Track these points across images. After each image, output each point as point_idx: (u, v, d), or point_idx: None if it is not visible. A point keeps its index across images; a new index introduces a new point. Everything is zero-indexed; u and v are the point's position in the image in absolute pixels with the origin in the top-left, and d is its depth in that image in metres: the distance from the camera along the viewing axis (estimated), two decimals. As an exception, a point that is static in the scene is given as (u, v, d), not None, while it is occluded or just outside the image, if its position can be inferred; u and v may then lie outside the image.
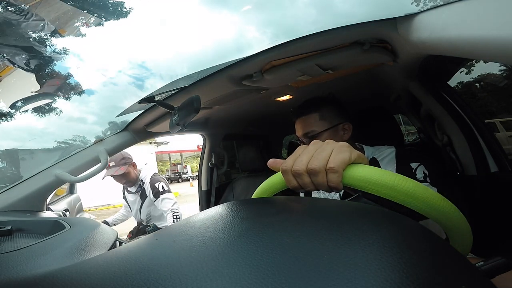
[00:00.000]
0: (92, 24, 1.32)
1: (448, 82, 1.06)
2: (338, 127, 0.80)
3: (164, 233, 0.29)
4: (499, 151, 0.94)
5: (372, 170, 0.34)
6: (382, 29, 0.63)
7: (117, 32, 2.00)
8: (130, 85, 2.82)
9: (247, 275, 0.17)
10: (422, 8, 0.50)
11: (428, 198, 0.32)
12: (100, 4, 1.21)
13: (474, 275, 0.19)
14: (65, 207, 1.91)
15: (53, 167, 0.92)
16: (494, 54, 0.35)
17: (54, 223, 0.58)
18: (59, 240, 0.46)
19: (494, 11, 0.34)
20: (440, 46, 0.45)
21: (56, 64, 3.32)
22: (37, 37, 1.31)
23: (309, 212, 0.29)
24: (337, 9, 0.69)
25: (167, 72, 2.94)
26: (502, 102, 2.00)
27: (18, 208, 0.83)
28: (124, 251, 0.26)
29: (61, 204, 2.01)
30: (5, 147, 2.11)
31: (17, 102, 1.22)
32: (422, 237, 0.22)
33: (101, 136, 1.08)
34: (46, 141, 2.13)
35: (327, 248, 0.19)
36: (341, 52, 0.73)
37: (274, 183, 0.42)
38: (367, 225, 0.22)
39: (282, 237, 0.22)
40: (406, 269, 0.16)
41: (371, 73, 1.10)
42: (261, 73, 0.85)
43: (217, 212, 0.32)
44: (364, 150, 0.82)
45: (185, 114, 0.75)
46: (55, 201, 2.01)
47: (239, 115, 1.63)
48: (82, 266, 0.26)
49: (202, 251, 0.22)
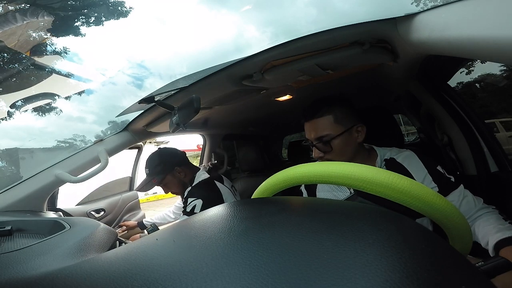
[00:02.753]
0: (92, 23, 1.32)
1: (448, 82, 1.06)
2: (353, 129, 0.77)
3: (164, 233, 0.29)
4: (499, 151, 0.94)
5: (367, 169, 0.34)
6: (382, 29, 0.63)
7: (117, 32, 1.99)
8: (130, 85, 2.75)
9: (247, 275, 0.17)
10: (422, 8, 0.50)
11: (424, 196, 0.32)
12: (100, 4, 1.21)
13: (474, 275, 0.19)
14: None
15: (53, 167, 0.92)
16: (494, 54, 0.35)
17: (54, 223, 0.58)
18: (59, 240, 0.46)
19: (494, 11, 0.34)
20: (440, 46, 0.45)
21: (56, 63, 3.31)
22: (37, 37, 1.31)
23: (309, 212, 0.29)
24: (337, 9, 0.69)
25: (167, 71, 2.89)
26: (502, 102, 2.00)
27: (18, 208, 0.83)
28: (124, 251, 0.26)
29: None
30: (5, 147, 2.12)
31: (17, 102, 1.21)
32: (421, 237, 0.22)
33: (101, 136, 1.08)
34: (46, 140, 2.11)
35: (327, 248, 0.19)
36: (341, 52, 0.73)
37: (274, 183, 0.42)
38: (367, 225, 0.22)
39: (282, 237, 0.22)
40: (406, 269, 0.16)
41: (371, 73, 1.10)
42: (261, 73, 0.85)
43: (217, 212, 0.32)
44: (376, 151, 0.81)
45: (185, 114, 0.75)
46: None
47: (239, 115, 1.63)
48: (82, 266, 0.26)
49: (202, 251, 0.22)
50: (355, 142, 0.78)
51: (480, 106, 1.80)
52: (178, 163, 1.23)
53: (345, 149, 0.77)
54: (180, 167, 1.22)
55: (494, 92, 1.82)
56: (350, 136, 0.78)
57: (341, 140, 0.76)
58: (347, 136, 0.77)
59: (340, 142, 0.76)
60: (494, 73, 1.67)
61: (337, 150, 0.76)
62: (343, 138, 0.76)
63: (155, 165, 1.19)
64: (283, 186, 0.42)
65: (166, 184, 1.21)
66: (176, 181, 1.21)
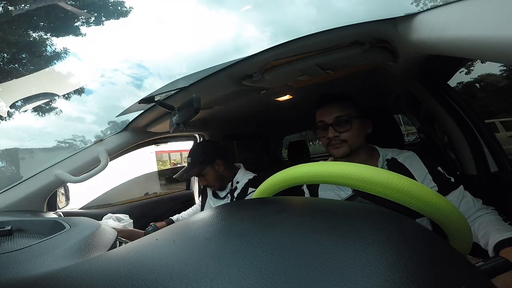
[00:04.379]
0: (92, 23, 1.31)
1: (448, 82, 1.06)
2: (365, 119, 0.83)
3: (164, 233, 0.29)
4: (499, 151, 0.94)
5: (366, 169, 0.34)
6: (382, 29, 0.63)
7: (117, 32, 1.97)
8: (130, 85, 2.75)
9: (247, 276, 0.17)
10: (422, 8, 0.50)
11: (424, 196, 0.32)
12: (100, 4, 1.20)
13: (474, 275, 0.19)
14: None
15: (53, 167, 0.92)
16: (493, 54, 0.35)
17: (54, 223, 0.59)
18: (59, 240, 0.46)
19: (494, 11, 0.34)
20: (440, 46, 0.45)
21: (56, 63, 3.31)
22: (38, 37, 1.30)
23: (309, 212, 0.29)
24: (337, 9, 0.69)
25: (167, 72, 2.88)
26: (502, 102, 2.00)
27: (18, 208, 0.83)
28: (124, 251, 0.26)
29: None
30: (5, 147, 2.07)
31: (17, 102, 1.21)
32: (421, 237, 0.22)
33: (102, 136, 1.08)
34: (46, 140, 2.11)
35: (327, 248, 0.19)
36: (341, 52, 0.73)
37: (275, 183, 0.42)
38: (367, 225, 0.22)
39: (282, 237, 0.22)
40: (406, 269, 0.16)
41: (370, 73, 1.10)
42: (261, 73, 0.85)
43: (217, 213, 0.32)
44: (378, 151, 0.83)
45: (185, 114, 0.75)
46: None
47: (239, 115, 1.63)
48: (82, 266, 0.26)
49: (202, 252, 0.22)
50: (365, 132, 0.82)
51: (480, 106, 1.81)
52: (219, 156, 1.24)
53: (360, 132, 0.80)
54: (221, 160, 1.24)
55: (494, 92, 1.82)
56: (363, 126, 0.82)
57: (359, 122, 0.80)
58: (362, 122, 0.81)
59: (359, 123, 0.80)
60: (494, 73, 1.67)
61: (355, 129, 0.79)
62: (359, 122, 0.81)
63: (198, 155, 1.21)
64: (283, 186, 0.42)
65: (204, 175, 1.22)
66: (214, 173, 1.22)
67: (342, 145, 0.79)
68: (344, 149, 0.78)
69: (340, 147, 0.79)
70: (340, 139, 0.79)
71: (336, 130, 0.79)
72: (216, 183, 1.24)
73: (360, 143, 0.80)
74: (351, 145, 0.78)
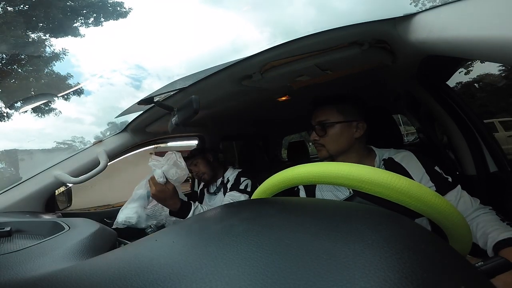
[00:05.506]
0: (91, 24, 1.31)
1: (447, 82, 1.07)
2: (352, 123, 0.82)
3: (164, 234, 0.29)
4: (498, 151, 0.94)
5: (365, 169, 0.34)
6: (381, 29, 0.63)
7: (116, 33, 1.97)
8: (129, 86, 2.74)
9: (246, 276, 0.17)
10: (421, 8, 0.51)
11: (423, 196, 0.32)
12: (99, 5, 1.20)
13: (474, 275, 0.19)
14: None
15: (53, 168, 0.92)
16: (492, 54, 0.35)
17: (53, 224, 0.58)
18: (59, 241, 0.46)
19: (493, 11, 0.34)
20: (439, 46, 0.45)
21: (56, 64, 3.31)
22: (36, 38, 1.30)
23: (308, 213, 0.29)
24: (336, 9, 0.69)
25: (166, 72, 2.88)
26: (501, 102, 2.00)
27: (17, 209, 0.83)
28: (124, 252, 0.26)
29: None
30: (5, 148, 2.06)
31: (16, 102, 1.22)
32: (421, 237, 0.22)
33: (101, 137, 1.08)
34: (45, 141, 2.12)
35: (326, 249, 0.19)
36: (340, 53, 0.73)
37: (274, 183, 0.42)
38: (366, 226, 0.22)
39: (281, 238, 0.22)
40: (405, 270, 0.16)
41: (370, 73, 1.10)
42: (261, 74, 0.85)
43: (217, 213, 0.32)
44: (375, 151, 0.83)
45: (184, 115, 0.75)
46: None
47: (239, 115, 1.63)
48: (81, 267, 0.26)
49: (202, 252, 0.22)
50: (352, 136, 0.81)
51: (479, 106, 1.81)
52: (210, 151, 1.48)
53: (339, 138, 0.81)
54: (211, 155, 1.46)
55: (493, 92, 1.82)
56: (348, 129, 0.81)
57: (338, 129, 0.81)
58: (345, 127, 0.81)
59: (336, 130, 0.81)
60: (493, 73, 1.68)
61: (331, 136, 0.81)
62: (340, 127, 0.81)
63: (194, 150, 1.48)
64: (283, 187, 0.42)
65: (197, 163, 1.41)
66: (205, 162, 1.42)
67: (322, 149, 0.82)
68: (323, 153, 0.82)
69: (320, 150, 0.83)
70: (319, 142, 0.83)
71: (317, 134, 0.83)
72: (206, 171, 1.42)
73: (340, 148, 0.81)
74: (328, 150, 0.81)
